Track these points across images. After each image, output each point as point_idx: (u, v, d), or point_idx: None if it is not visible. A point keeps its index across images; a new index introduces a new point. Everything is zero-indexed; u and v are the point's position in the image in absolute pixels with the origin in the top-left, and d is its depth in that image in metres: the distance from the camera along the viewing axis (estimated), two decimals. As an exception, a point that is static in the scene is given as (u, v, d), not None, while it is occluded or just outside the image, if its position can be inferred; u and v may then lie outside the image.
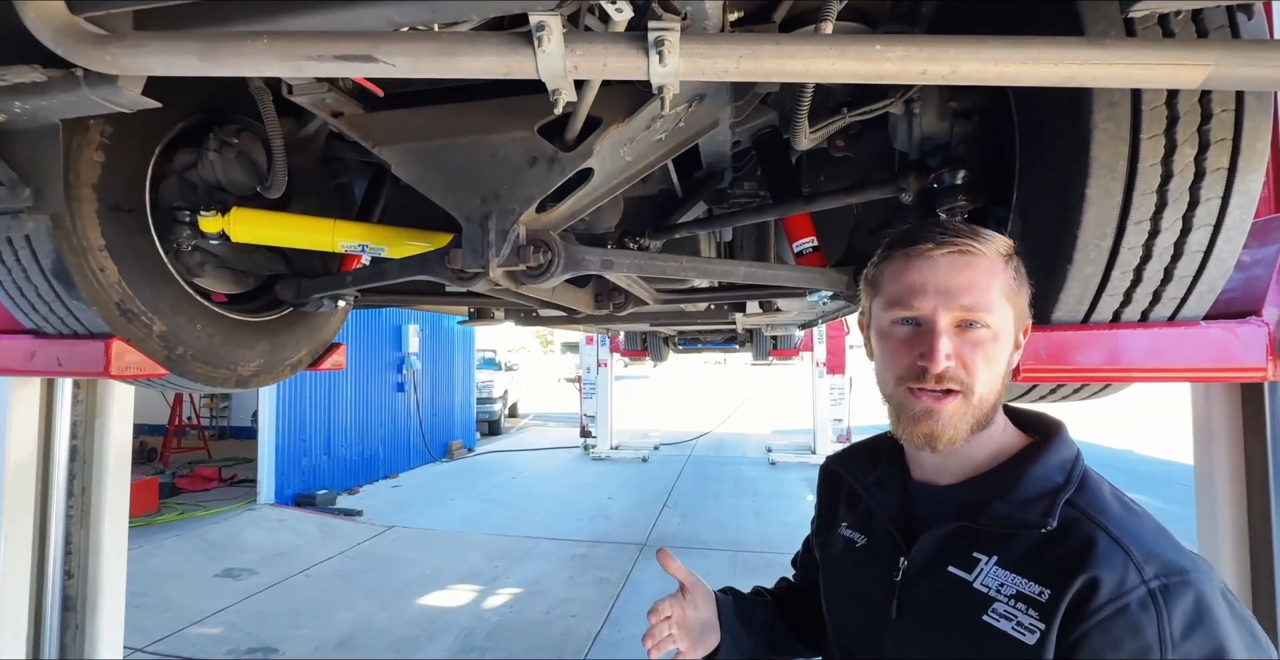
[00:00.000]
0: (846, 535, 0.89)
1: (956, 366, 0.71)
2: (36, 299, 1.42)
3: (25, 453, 1.98)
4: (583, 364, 11.70)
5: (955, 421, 0.71)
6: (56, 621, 2.05)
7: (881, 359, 0.78)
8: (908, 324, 0.74)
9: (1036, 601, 0.66)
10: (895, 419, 0.76)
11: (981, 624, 0.68)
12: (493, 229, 1.15)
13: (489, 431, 13.62)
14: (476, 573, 5.17)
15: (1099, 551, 0.66)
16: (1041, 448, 0.77)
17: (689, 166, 1.79)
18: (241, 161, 1.53)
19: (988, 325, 0.72)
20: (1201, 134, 0.89)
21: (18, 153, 1.17)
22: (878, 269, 0.79)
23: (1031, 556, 0.69)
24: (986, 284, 0.72)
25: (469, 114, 1.20)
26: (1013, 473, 0.75)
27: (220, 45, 0.55)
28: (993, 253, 0.73)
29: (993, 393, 0.73)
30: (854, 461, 0.92)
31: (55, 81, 0.99)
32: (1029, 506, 0.71)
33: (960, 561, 0.73)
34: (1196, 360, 1.01)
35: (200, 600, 4.49)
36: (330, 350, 2.26)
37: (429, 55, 0.54)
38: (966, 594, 0.71)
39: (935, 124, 1.23)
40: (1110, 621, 0.63)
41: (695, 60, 0.54)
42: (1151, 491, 7.91)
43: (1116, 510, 0.71)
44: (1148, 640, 0.61)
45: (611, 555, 5.56)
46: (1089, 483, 0.74)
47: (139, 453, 9.09)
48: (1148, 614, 0.62)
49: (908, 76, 0.55)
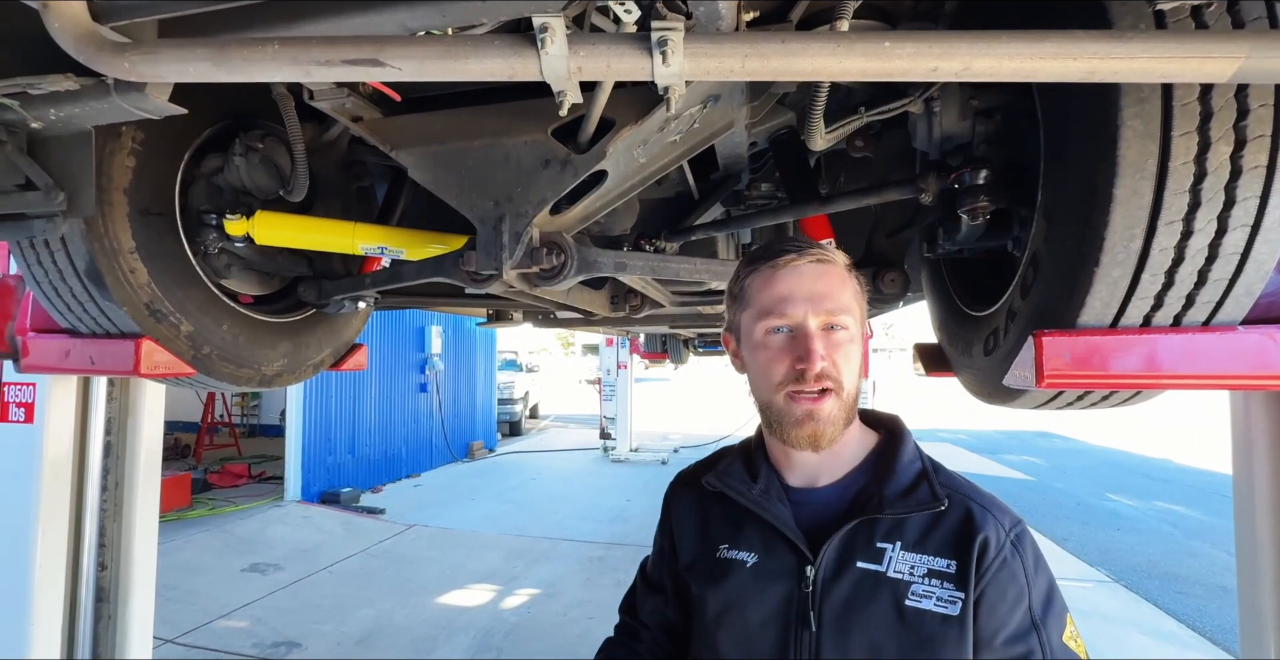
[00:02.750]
0: (731, 557, 0.83)
1: (829, 366, 0.76)
2: (71, 299, 1.47)
3: (62, 449, 2.05)
4: (602, 366, 11.73)
5: (833, 419, 0.77)
6: (90, 612, 2.12)
7: (757, 369, 0.82)
8: (780, 332, 0.79)
9: (948, 574, 0.74)
10: (777, 425, 0.80)
11: (906, 609, 0.73)
12: (506, 231, 1.15)
13: (510, 432, 13.73)
14: (495, 572, 5.20)
15: (977, 517, 0.76)
16: (895, 439, 0.86)
17: (705, 169, 1.78)
18: (265, 166, 1.57)
19: (846, 327, 0.79)
20: (1238, 131, 0.85)
21: (52, 158, 1.22)
22: (744, 283, 0.84)
23: (928, 535, 0.77)
24: (841, 289, 0.80)
25: (484, 117, 1.21)
26: (885, 465, 0.83)
27: (232, 51, 0.56)
28: (841, 262, 0.82)
29: (856, 388, 0.80)
30: (733, 477, 0.88)
31: (87, 89, 1.03)
32: (914, 491, 0.79)
33: (867, 554, 0.77)
34: (1233, 367, 0.96)
35: (227, 594, 4.60)
36: (352, 351, 2.29)
37: (434, 58, 0.55)
38: (882, 583, 0.75)
39: (956, 123, 1.20)
40: (997, 574, 0.73)
41: (700, 60, 0.53)
42: (1189, 502, 7.63)
43: (963, 480, 0.83)
44: (1020, 582, 0.74)
45: (630, 558, 5.55)
46: (937, 463, 0.85)
47: (173, 449, 9.37)
48: (1016, 560, 0.75)
49: (918, 74, 0.53)
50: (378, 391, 8.89)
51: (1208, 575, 5.21)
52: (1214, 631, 4.27)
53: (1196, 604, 4.68)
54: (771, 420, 0.81)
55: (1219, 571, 5.24)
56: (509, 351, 16.61)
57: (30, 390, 1.93)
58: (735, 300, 0.86)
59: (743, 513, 0.85)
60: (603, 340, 11.45)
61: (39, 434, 1.94)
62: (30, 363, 1.62)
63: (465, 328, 11.39)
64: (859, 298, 0.83)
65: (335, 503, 7.22)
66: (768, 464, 0.88)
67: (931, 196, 1.25)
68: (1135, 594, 4.73)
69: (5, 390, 1.92)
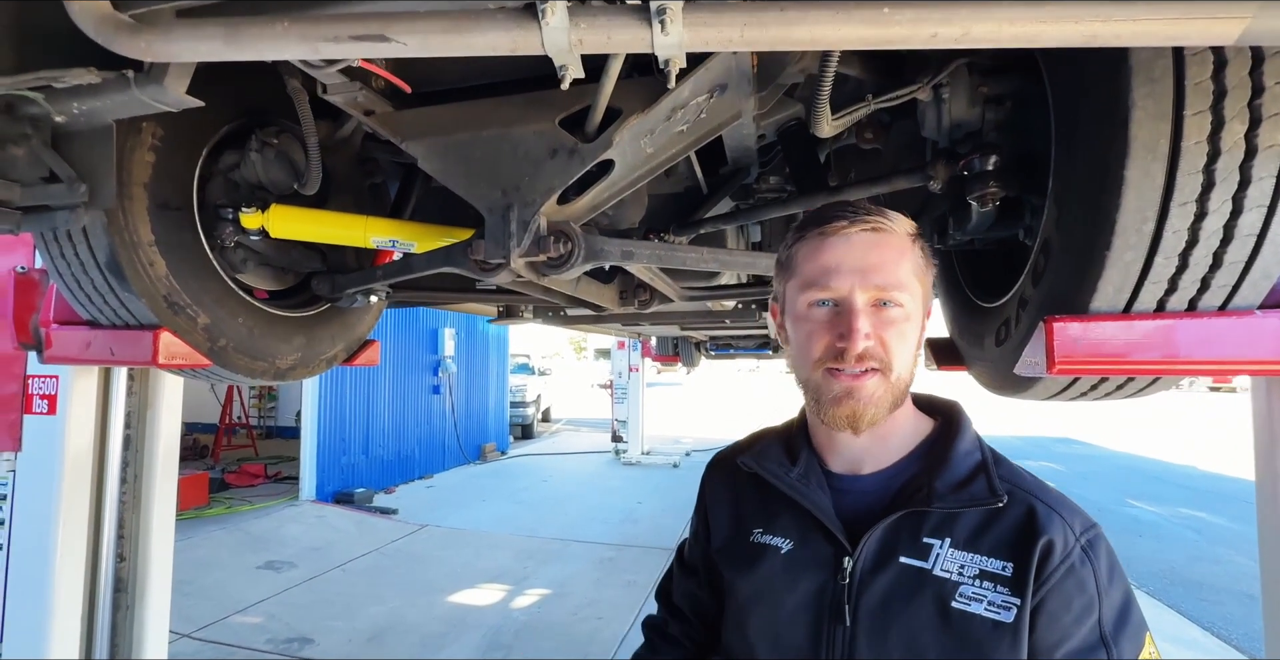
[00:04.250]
0: (765, 542, 0.79)
1: (875, 345, 0.70)
2: (92, 291, 1.50)
3: (83, 441, 2.09)
4: (614, 369, 11.74)
5: (876, 400, 0.71)
6: (108, 602, 2.15)
7: (798, 343, 0.76)
8: (825, 305, 0.73)
9: (1002, 577, 0.67)
10: (815, 402, 0.75)
11: (952, 611, 0.66)
12: (514, 220, 1.16)
13: (522, 435, 13.78)
14: (505, 572, 5.21)
15: (1040, 517, 0.68)
16: (953, 427, 0.78)
17: (714, 163, 1.78)
18: (281, 161, 1.60)
19: (901, 304, 0.71)
20: (1253, 109, 0.83)
21: (75, 152, 1.25)
22: (790, 251, 0.78)
23: (982, 533, 0.69)
24: (898, 262, 0.72)
25: (493, 109, 1.22)
26: (938, 454, 0.76)
27: (243, 30, 0.58)
28: (901, 231, 0.74)
29: (908, 371, 0.73)
30: (770, 459, 0.83)
31: (109, 83, 1.06)
32: (969, 484, 0.72)
33: (912, 550, 0.70)
34: (1250, 352, 0.94)
35: (242, 590, 4.65)
36: (365, 346, 2.32)
37: (438, 33, 0.56)
38: (927, 582, 0.68)
39: (965, 110, 1.19)
40: (1062, 581, 0.66)
41: (699, 30, 0.54)
42: (1213, 508, 7.46)
43: (1029, 477, 0.75)
44: (1090, 592, 0.66)
45: (640, 559, 5.54)
46: (999, 455, 0.77)
47: (191, 449, 9.52)
48: (1085, 568, 0.67)
49: (918, 40, 0.53)
50: (391, 393, 8.97)
51: (1233, 582, 5.09)
52: (1240, 639, 4.16)
53: (1222, 611, 4.57)
54: (810, 397, 0.76)
55: (1244, 578, 5.11)
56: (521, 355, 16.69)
57: (54, 383, 1.97)
58: (782, 268, 0.80)
59: (778, 497, 0.79)
60: (614, 343, 11.47)
61: (61, 425, 1.98)
62: (53, 354, 1.66)
63: (478, 330, 11.47)
64: (921, 273, 0.74)
65: (349, 502, 7.28)
66: (809, 447, 0.82)
67: (941, 184, 1.24)
68: (1158, 601, 4.62)
69: (30, 383, 1.97)
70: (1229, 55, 0.82)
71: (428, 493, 8.40)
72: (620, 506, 7.52)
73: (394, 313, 8.95)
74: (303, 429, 7.53)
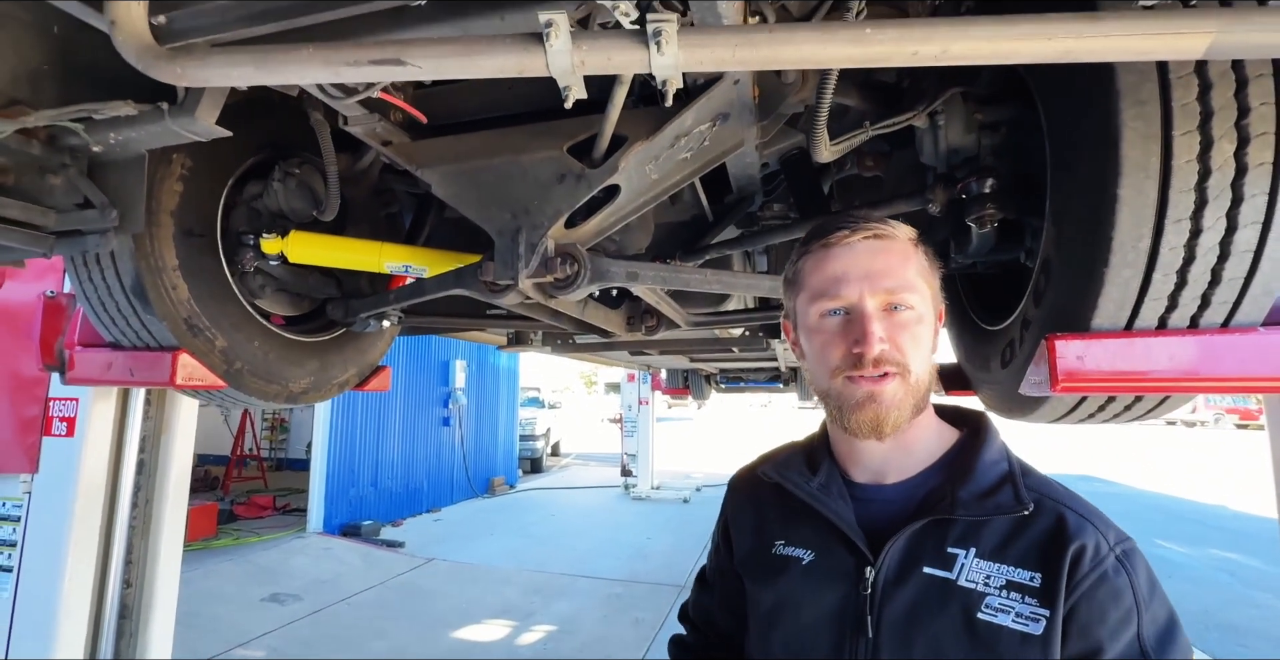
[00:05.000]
0: (787, 554, 0.78)
1: (890, 348, 0.70)
2: (116, 313, 1.55)
3: (98, 464, 2.12)
4: (624, 402, 11.68)
5: (898, 403, 0.70)
6: (113, 627, 2.14)
7: (814, 355, 0.76)
8: (836, 315, 0.73)
9: (1030, 588, 0.65)
10: (837, 411, 0.74)
11: (978, 623, 0.64)
12: (522, 242, 1.20)
13: (531, 469, 13.65)
14: (512, 608, 5.10)
15: (1071, 524, 0.67)
16: (979, 437, 0.77)
17: (719, 191, 1.83)
18: (302, 190, 1.67)
19: (911, 307, 0.72)
20: (1240, 129, 0.86)
21: (109, 180, 1.32)
22: (797, 266, 0.79)
23: (1009, 543, 0.67)
24: (903, 265, 0.73)
25: (504, 138, 1.28)
26: (963, 463, 0.75)
27: (271, 56, 0.62)
28: (903, 236, 0.75)
29: (926, 373, 0.73)
30: (792, 470, 0.82)
31: (144, 114, 1.13)
32: (995, 493, 0.70)
33: (936, 560, 0.69)
34: (1255, 369, 0.94)
35: (247, 622, 4.58)
36: (376, 372, 2.35)
37: (450, 56, 0.60)
38: (951, 593, 0.66)
39: (961, 136, 1.22)
40: (1094, 589, 0.63)
41: (693, 51, 0.57)
42: (1246, 550, 7.15)
43: (1060, 487, 0.73)
44: (1127, 604, 0.63)
45: (649, 596, 5.39)
46: (1027, 466, 0.76)
47: (202, 481, 9.54)
48: (1121, 577, 0.64)
49: (900, 58, 0.56)
50: (401, 424, 8.98)
51: (1272, 627, 4.83)
52: (1284, 689, 3.92)
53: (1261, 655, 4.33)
54: (831, 407, 0.75)
55: (1285, 624, 4.86)
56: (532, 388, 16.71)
57: (74, 405, 2.02)
58: (790, 284, 0.81)
59: (800, 507, 0.79)
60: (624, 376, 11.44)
61: (79, 448, 2.01)
62: (75, 375, 1.70)
63: (489, 362, 11.53)
64: (927, 274, 0.76)
65: (356, 535, 7.21)
66: (830, 458, 0.82)
67: (939, 207, 1.26)
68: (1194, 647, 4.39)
69: (51, 405, 2.01)
70: (1213, 78, 0.85)
71: (435, 526, 8.30)
72: (630, 542, 7.37)
73: (406, 344, 9.04)
74: (312, 460, 7.54)
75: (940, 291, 0.78)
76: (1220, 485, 11.48)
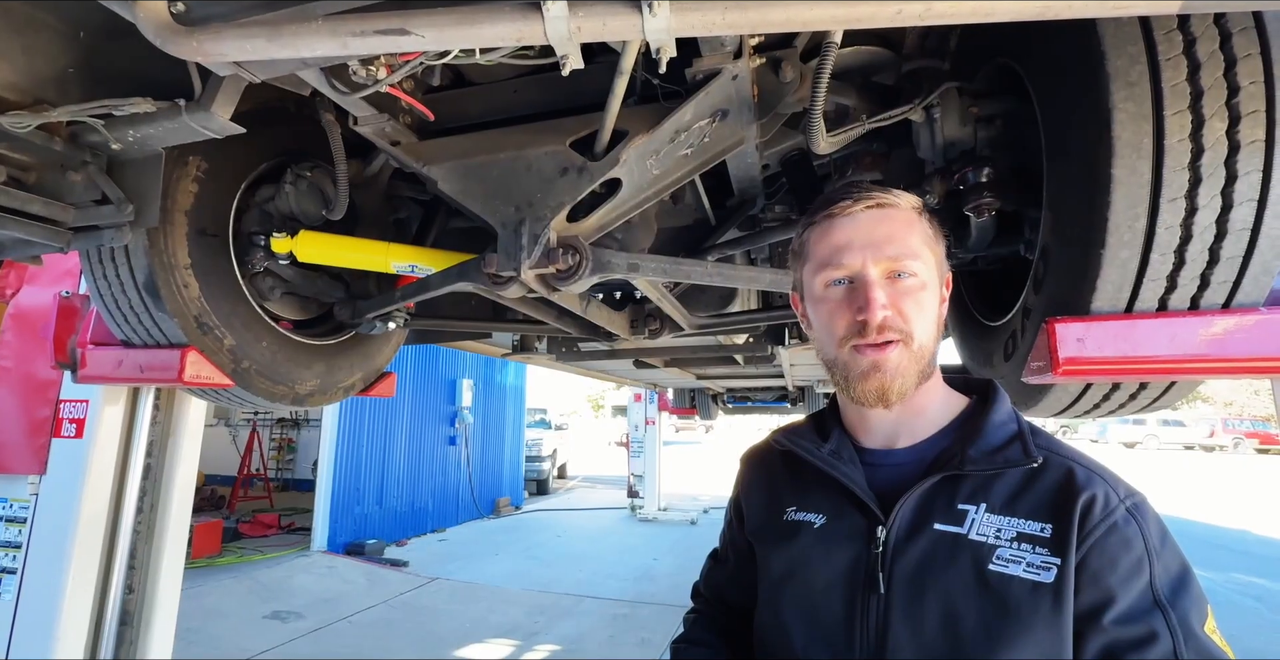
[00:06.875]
0: (798, 519, 0.79)
1: (894, 315, 0.71)
2: (129, 310, 1.58)
3: (105, 467, 2.13)
4: (630, 422, 11.60)
5: (902, 370, 0.71)
6: (113, 634, 2.12)
7: (820, 324, 0.78)
8: (840, 284, 0.75)
9: (1041, 538, 0.65)
10: (843, 381, 0.75)
11: (989, 574, 0.65)
12: (525, 233, 1.22)
13: (537, 490, 13.51)
14: (516, 627, 5.00)
15: (1079, 477, 0.67)
16: (988, 401, 0.78)
17: (722, 195, 1.85)
18: (312, 192, 1.71)
19: (915, 274, 0.73)
20: (1231, 108, 0.87)
21: (126, 177, 1.37)
22: (802, 237, 0.81)
23: (1019, 497, 0.68)
24: (907, 233, 0.74)
25: (508, 135, 1.31)
26: (972, 425, 0.75)
27: (283, 28, 0.66)
28: (907, 205, 0.76)
29: (930, 340, 0.74)
30: (803, 438, 0.83)
31: (162, 111, 1.18)
32: (1004, 449, 0.71)
33: (947, 517, 0.70)
34: (1258, 349, 0.93)
35: (247, 640, 4.52)
36: (381, 378, 2.37)
37: (452, 26, 0.63)
38: (962, 547, 0.67)
39: (957, 129, 1.24)
40: (1104, 538, 0.64)
41: (684, 14, 0.60)
42: (1273, 575, 6.91)
43: (1069, 446, 0.73)
44: (1137, 552, 0.64)
45: (655, 617, 5.28)
46: (1036, 427, 0.76)
47: (209, 499, 9.51)
48: (1131, 526, 0.65)
49: (884, 17, 0.58)
50: (407, 443, 8.96)
51: (1305, 654, 4.65)
52: (1320, 719, 3.75)
53: (1295, 686, 4.15)
54: (838, 376, 0.76)
55: (1318, 651, 4.67)
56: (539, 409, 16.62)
57: (84, 407, 2.04)
58: (796, 256, 0.82)
59: (811, 473, 0.80)
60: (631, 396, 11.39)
61: (87, 449, 2.03)
62: (87, 373, 1.73)
63: (495, 382, 11.52)
64: (931, 242, 0.76)
65: (360, 554, 7.14)
66: (840, 427, 0.83)
67: (937, 198, 1.28)
68: None
69: (61, 407, 2.03)
70: (1202, 58, 0.87)
71: (440, 546, 8.21)
72: (636, 563, 7.25)
73: (413, 362, 9.08)
74: (318, 478, 7.52)
75: (945, 260, 0.79)
76: (1242, 510, 11.17)
